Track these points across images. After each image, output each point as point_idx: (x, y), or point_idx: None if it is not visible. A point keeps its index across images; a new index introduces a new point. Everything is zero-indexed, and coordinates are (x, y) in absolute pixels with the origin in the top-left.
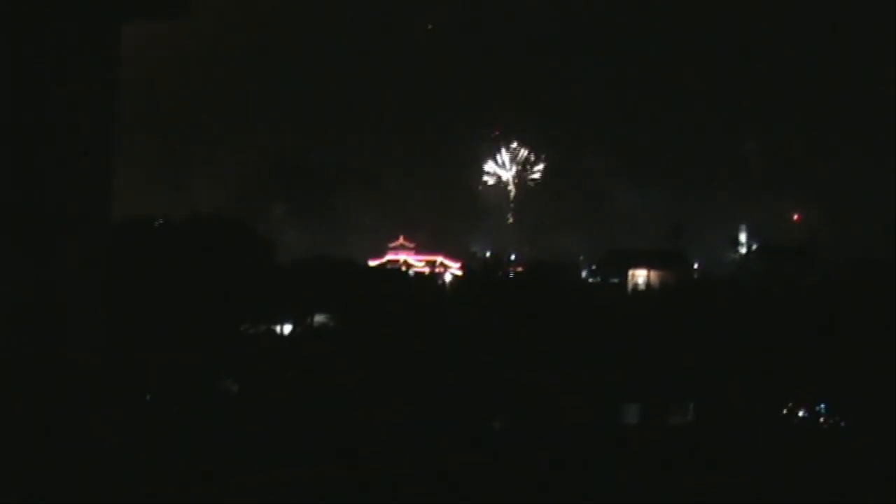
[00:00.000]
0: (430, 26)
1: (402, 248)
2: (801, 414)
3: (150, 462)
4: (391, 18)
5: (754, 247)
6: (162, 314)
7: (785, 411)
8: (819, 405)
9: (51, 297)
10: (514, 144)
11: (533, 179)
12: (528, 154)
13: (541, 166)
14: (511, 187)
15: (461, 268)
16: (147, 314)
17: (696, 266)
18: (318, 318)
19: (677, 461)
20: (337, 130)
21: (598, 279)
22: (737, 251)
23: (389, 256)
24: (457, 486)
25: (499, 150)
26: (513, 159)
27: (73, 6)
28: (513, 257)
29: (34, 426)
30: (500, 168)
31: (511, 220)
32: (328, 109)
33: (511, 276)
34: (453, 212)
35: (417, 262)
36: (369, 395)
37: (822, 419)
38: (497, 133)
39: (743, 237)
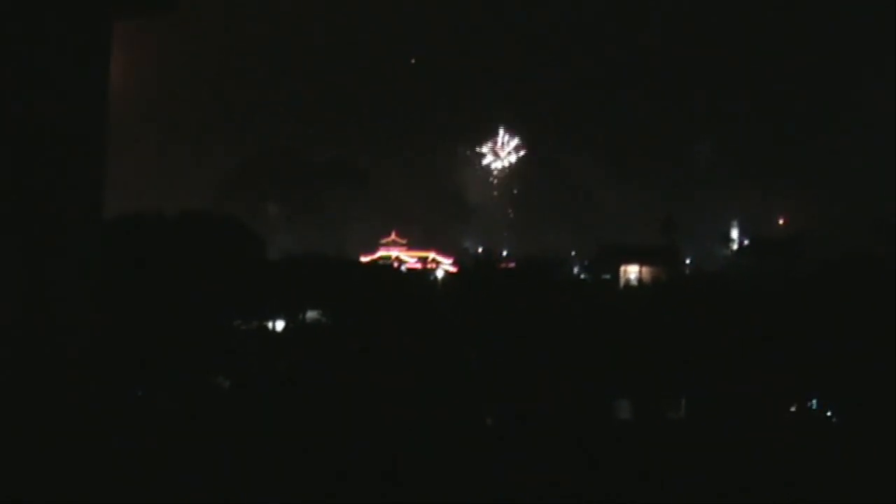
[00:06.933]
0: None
1: (394, 244)
2: (792, 409)
3: (140, 458)
4: (385, 16)
5: (745, 242)
6: (154, 311)
7: (776, 405)
8: (810, 400)
9: (41, 295)
10: (506, 139)
11: (513, 162)
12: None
13: (523, 151)
14: (497, 176)
15: (454, 264)
16: (138, 311)
17: (687, 262)
18: (310, 315)
19: (670, 456)
20: (329, 128)
21: (590, 275)
22: (728, 247)
23: (381, 252)
24: (451, 481)
25: (491, 144)
26: (504, 152)
27: (63, 2)
28: (504, 253)
29: (23, 423)
30: (493, 158)
31: (503, 215)
32: (320, 107)
33: (503, 272)
34: (445, 208)
35: (410, 259)
36: (361, 391)
37: (813, 413)
38: (489, 128)
39: (734, 233)
